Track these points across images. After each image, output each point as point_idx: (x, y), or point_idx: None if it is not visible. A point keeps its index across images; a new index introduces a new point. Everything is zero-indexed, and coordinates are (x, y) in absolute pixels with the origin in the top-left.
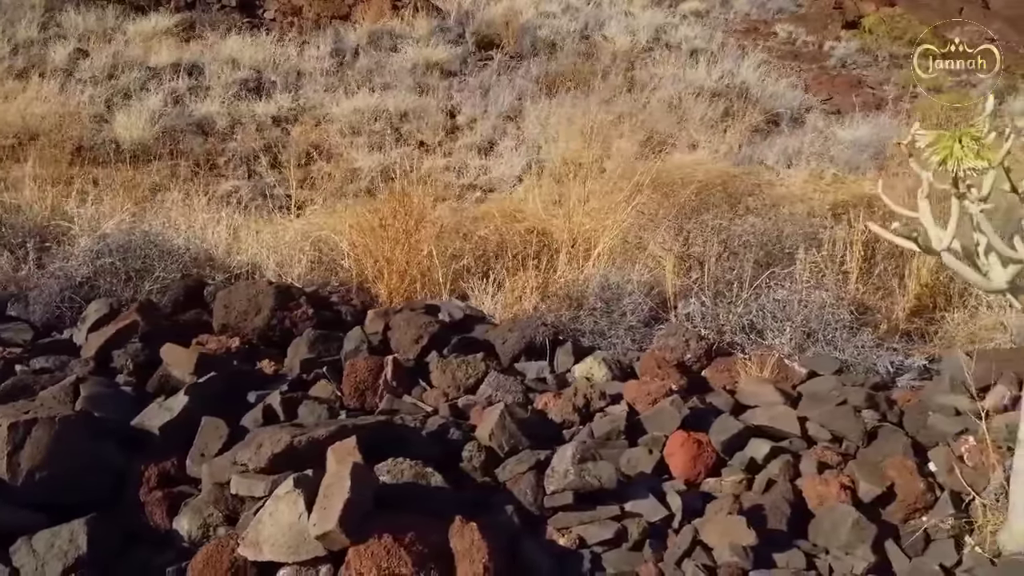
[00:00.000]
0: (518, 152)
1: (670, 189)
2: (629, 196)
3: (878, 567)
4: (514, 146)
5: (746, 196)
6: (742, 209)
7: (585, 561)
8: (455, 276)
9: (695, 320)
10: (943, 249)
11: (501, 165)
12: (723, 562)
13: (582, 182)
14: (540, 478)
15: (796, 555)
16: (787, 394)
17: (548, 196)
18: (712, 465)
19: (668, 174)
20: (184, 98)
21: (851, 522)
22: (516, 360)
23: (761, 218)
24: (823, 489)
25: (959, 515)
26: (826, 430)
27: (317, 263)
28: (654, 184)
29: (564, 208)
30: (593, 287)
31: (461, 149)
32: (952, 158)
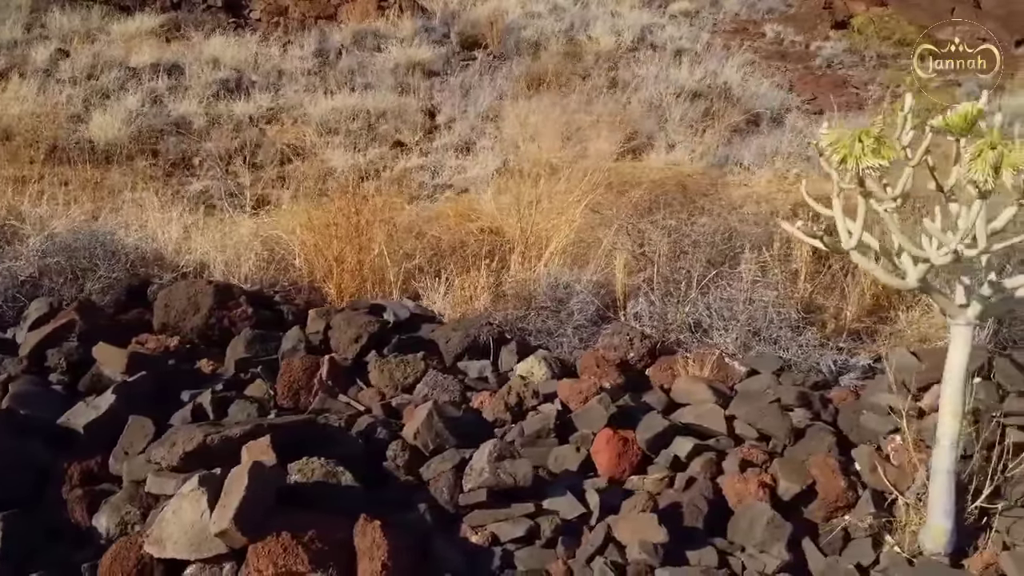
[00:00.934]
0: (495, 152)
1: (625, 189)
2: (581, 196)
3: (792, 566)
4: (491, 146)
5: (702, 196)
6: (696, 209)
7: (496, 559)
8: (408, 276)
9: (643, 319)
10: (851, 248)
11: (477, 165)
12: (633, 559)
13: (535, 182)
14: (459, 476)
15: (709, 553)
16: (720, 392)
17: (515, 195)
18: (638, 463)
19: (629, 174)
20: (163, 98)
21: (766, 520)
22: (459, 359)
23: (711, 218)
24: (741, 487)
25: (880, 514)
26: (753, 428)
27: (270, 262)
28: (610, 184)
29: (517, 207)
30: (542, 286)
31: (438, 149)
32: (851, 157)
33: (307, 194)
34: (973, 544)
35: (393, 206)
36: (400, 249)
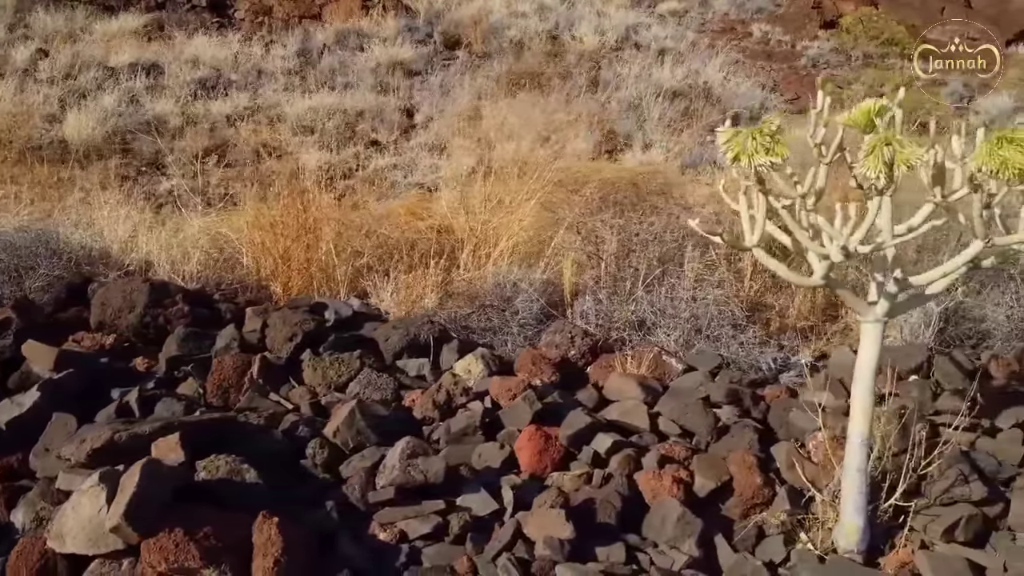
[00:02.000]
0: (470, 151)
1: (576, 188)
2: (531, 194)
3: (701, 562)
4: (467, 145)
5: (657, 195)
6: (649, 208)
7: (402, 555)
8: (357, 274)
9: (589, 317)
10: (753, 245)
11: (451, 164)
12: (538, 555)
13: (484, 180)
14: (373, 474)
15: (618, 549)
16: (651, 389)
17: (462, 194)
18: (560, 459)
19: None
20: (140, 97)
21: (676, 516)
22: (398, 357)
23: (661, 217)
24: (656, 483)
25: (795, 511)
26: (676, 425)
27: (220, 261)
28: (561, 182)
29: (464, 206)
30: (488, 285)
31: (414, 148)
32: (744, 154)
33: (268, 193)
34: (890, 542)
35: (355, 204)
36: (349, 247)
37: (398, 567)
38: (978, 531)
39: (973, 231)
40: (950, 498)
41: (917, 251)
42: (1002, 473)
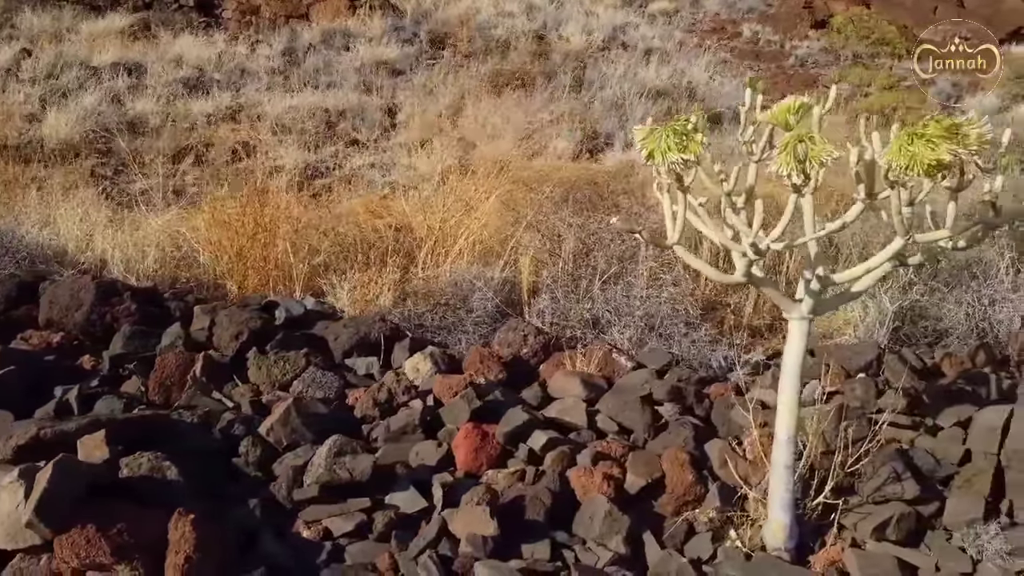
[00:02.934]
0: (450, 150)
1: (535, 187)
2: (488, 193)
3: (628, 559)
4: (448, 144)
5: (621, 194)
6: (611, 207)
7: (324, 553)
8: (314, 273)
9: (545, 316)
10: (673, 243)
11: (430, 163)
12: (461, 552)
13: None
14: (302, 472)
15: (544, 546)
16: (594, 387)
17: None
18: (497, 457)
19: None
20: (122, 97)
21: (603, 513)
22: (348, 356)
23: (618, 215)
24: (587, 480)
25: (726, 508)
26: (614, 422)
27: (178, 259)
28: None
29: (425, 204)
30: (442, 283)
31: (394, 147)
32: (658, 152)
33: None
34: (820, 540)
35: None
36: (306, 245)
37: (319, 564)
38: (911, 530)
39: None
40: (882, 496)
41: (862, 248)
42: (940, 472)
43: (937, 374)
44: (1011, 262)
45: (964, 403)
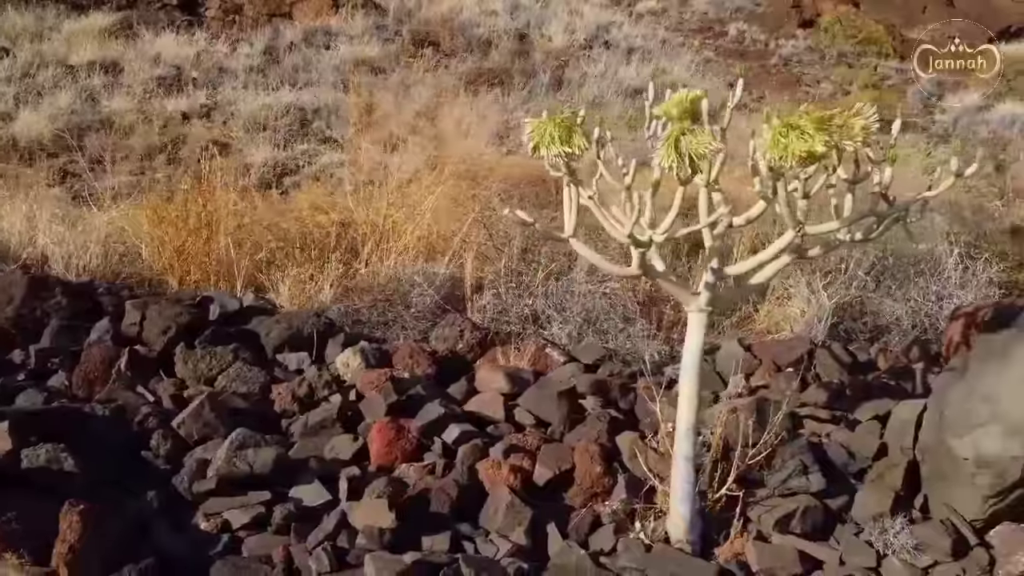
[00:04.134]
0: (423, 149)
1: (480, 182)
2: (432, 188)
3: (529, 550)
4: (421, 142)
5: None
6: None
7: (220, 545)
8: (257, 268)
9: (488, 311)
10: (569, 235)
11: (402, 162)
12: (357, 544)
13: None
14: (207, 465)
15: (443, 538)
16: (518, 380)
17: (356, 186)
18: (413, 450)
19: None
20: (98, 95)
21: (505, 505)
22: (280, 351)
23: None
24: (494, 473)
25: (632, 500)
26: (531, 415)
27: (123, 255)
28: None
29: (367, 200)
30: (381, 279)
31: (368, 145)
32: (543, 145)
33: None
34: (724, 533)
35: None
36: (249, 241)
37: (213, 556)
38: (817, 523)
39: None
40: (788, 489)
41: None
42: (853, 466)
43: (873, 369)
44: (959, 258)
45: (885, 398)
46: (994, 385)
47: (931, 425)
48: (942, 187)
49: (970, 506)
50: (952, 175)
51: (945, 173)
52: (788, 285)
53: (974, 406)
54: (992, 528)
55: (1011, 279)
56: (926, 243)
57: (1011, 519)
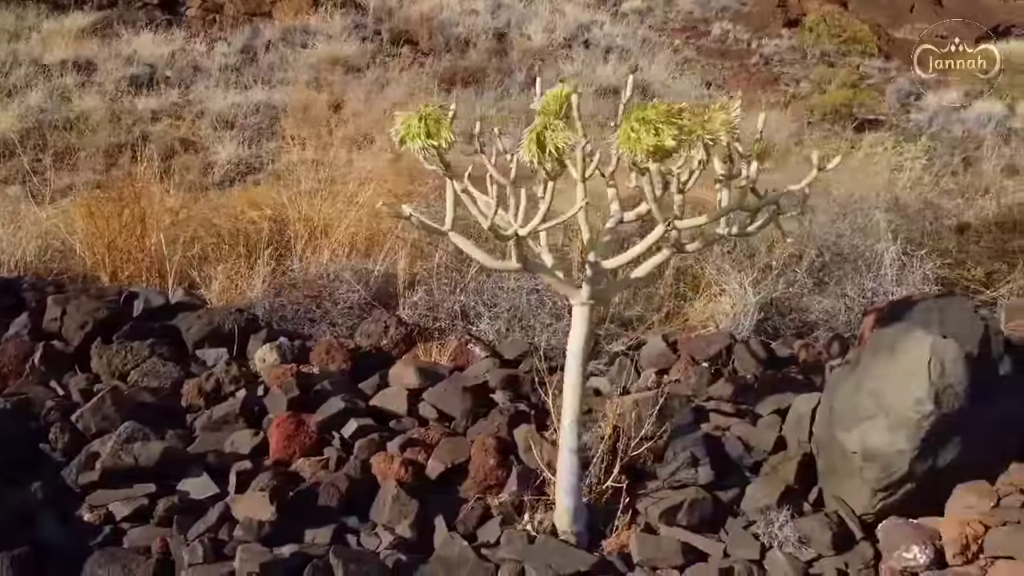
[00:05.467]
0: (391, 147)
1: (416, 176)
2: (364, 183)
3: (415, 543)
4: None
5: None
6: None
7: (102, 535)
8: (189, 264)
9: (419, 307)
10: (448, 230)
11: (369, 160)
12: (235, 537)
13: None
14: (96, 458)
15: (326, 531)
16: (430, 375)
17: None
18: (313, 445)
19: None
20: (70, 94)
21: (392, 497)
22: (200, 347)
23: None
24: (386, 467)
25: (523, 492)
26: (435, 409)
27: (56, 251)
28: (401, 171)
29: (297, 196)
30: (313, 275)
31: (335, 143)
32: (408, 138)
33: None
34: (612, 525)
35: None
36: (182, 237)
37: (92, 546)
38: (705, 515)
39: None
40: (678, 481)
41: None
42: (749, 458)
43: (791, 364)
44: (896, 255)
45: (790, 392)
46: (881, 379)
47: (823, 419)
48: (806, 181)
49: (860, 500)
50: (816, 169)
51: (809, 167)
52: (722, 281)
53: (861, 400)
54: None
55: (948, 276)
56: (868, 240)
57: (902, 514)
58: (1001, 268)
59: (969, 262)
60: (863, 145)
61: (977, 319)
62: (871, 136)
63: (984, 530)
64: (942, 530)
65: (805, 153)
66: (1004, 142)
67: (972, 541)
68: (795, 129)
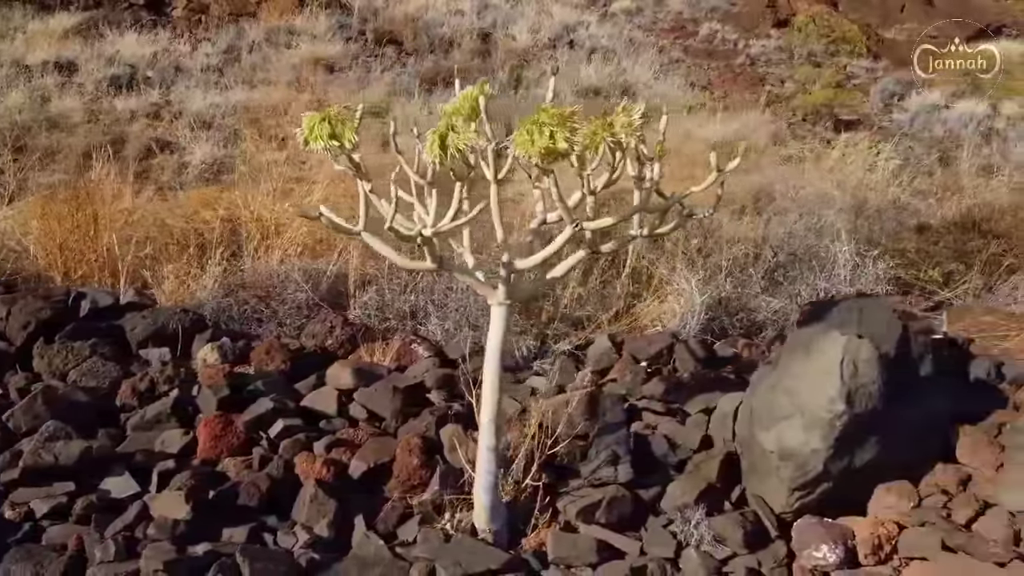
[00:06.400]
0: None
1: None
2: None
3: (332, 542)
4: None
5: None
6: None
7: (20, 532)
8: (141, 264)
9: (369, 308)
10: (360, 231)
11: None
12: (148, 535)
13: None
14: (20, 456)
15: (243, 530)
16: (365, 375)
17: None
18: (241, 444)
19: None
20: (50, 94)
21: (309, 497)
22: (143, 346)
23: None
24: (307, 466)
25: (445, 491)
26: (365, 409)
27: (14, 251)
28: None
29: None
30: (262, 275)
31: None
32: (311, 138)
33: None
34: (532, 523)
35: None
36: (135, 237)
37: (11, 542)
38: (625, 513)
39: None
40: (598, 479)
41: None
42: (674, 457)
43: (731, 363)
44: (849, 255)
45: (721, 391)
46: (797, 378)
47: (744, 418)
48: (707, 183)
49: (778, 499)
50: (715, 171)
51: (709, 170)
52: (673, 281)
53: (778, 399)
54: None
55: (902, 276)
56: (822, 240)
57: (821, 513)
58: (959, 268)
59: (927, 262)
60: (839, 144)
61: (896, 320)
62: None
63: (899, 530)
64: (856, 530)
65: (782, 154)
66: (985, 142)
67: (885, 541)
68: (773, 130)
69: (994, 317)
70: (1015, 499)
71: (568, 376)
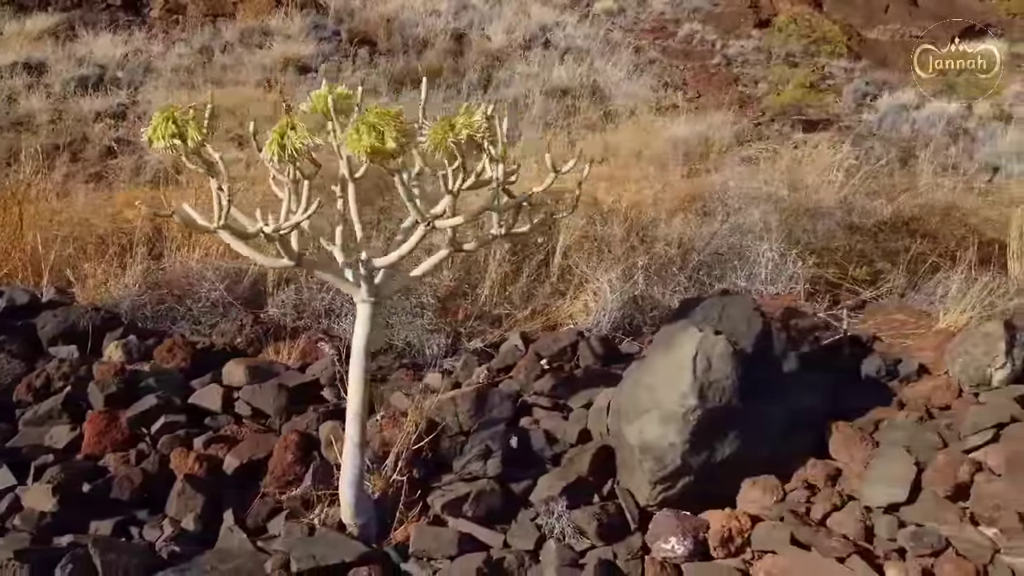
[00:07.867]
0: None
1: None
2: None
3: (196, 535)
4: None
5: None
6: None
7: None
8: (66, 264)
9: (286, 305)
10: (217, 227)
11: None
12: (15, 526)
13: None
14: None
15: (109, 523)
16: (260, 372)
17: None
18: (126, 440)
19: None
20: (18, 95)
21: (177, 492)
22: (54, 344)
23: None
24: (181, 461)
25: (318, 487)
26: (249, 406)
27: None
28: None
29: (181, 196)
30: (178, 274)
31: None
32: (154, 137)
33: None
34: (399, 517)
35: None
36: (58, 236)
37: None
38: (494, 506)
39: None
40: (469, 473)
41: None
42: (551, 451)
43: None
44: (771, 254)
45: (604, 386)
46: (656, 373)
47: (613, 412)
48: (546, 183)
49: (643, 492)
50: (553, 172)
51: (547, 170)
52: (590, 279)
53: (640, 393)
54: None
55: (823, 274)
56: (745, 238)
57: (685, 506)
58: (887, 268)
59: (858, 262)
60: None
61: (757, 317)
62: (816, 136)
63: (751, 524)
64: (711, 523)
65: (743, 154)
66: (953, 141)
67: (736, 534)
68: (738, 129)
69: (905, 315)
70: (875, 494)
71: (469, 374)
